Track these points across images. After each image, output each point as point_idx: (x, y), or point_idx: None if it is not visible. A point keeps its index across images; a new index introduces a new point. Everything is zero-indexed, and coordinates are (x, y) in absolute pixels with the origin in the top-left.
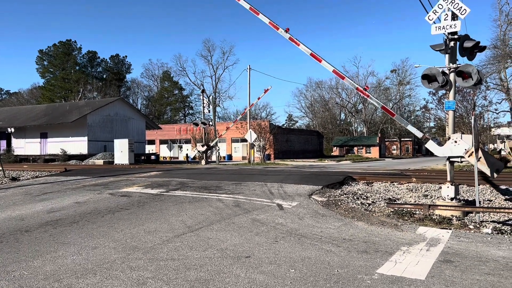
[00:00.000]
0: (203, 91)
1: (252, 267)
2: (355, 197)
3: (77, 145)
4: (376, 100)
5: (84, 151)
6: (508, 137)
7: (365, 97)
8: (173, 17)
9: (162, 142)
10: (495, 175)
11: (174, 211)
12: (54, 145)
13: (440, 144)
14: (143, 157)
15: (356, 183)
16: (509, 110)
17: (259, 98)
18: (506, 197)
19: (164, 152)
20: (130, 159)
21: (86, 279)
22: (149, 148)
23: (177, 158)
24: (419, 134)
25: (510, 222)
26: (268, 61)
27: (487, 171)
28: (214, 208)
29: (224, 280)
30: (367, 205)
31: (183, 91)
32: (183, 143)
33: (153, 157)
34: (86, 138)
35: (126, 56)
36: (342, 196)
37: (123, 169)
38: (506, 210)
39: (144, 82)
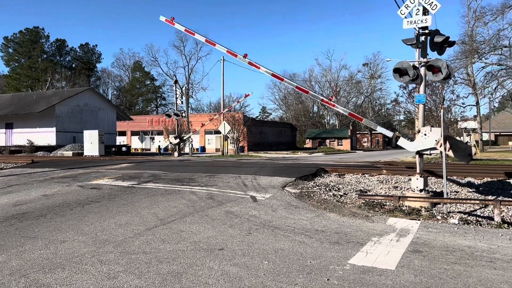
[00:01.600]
0: (176, 82)
1: (226, 259)
2: (327, 189)
3: (45, 136)
4: (343, 108)
5: (52, 142)
6: (474, 130)
7: (331, 107)
8: (145, 6)
9: (134, 133)
10: (469, 159)
11: (146, 204)
12: (21, 136)
13: (411, 139)
14: (113, 149)
15: (328, 175)
16: (475, 104)
17: (238, 102)
18: (470, 189)
19: (136, 143)
20: (100, 151)
21: (54, 274)
22: (120, 140)
23: (149, 149)
24: (389, 134)
25: (475, 213)
26: (242, 51)
27: (461, 158)
28: (187, 200)
29: (197, 273)
30: (339, 196)
31: (155, 82)
32: (155, 135)
33: (124, 148)
34: (54, 129)
35: (96, 45)
36: (314, 188)
37: (93, 161)
38: (472, 201)
39: (115, 72)
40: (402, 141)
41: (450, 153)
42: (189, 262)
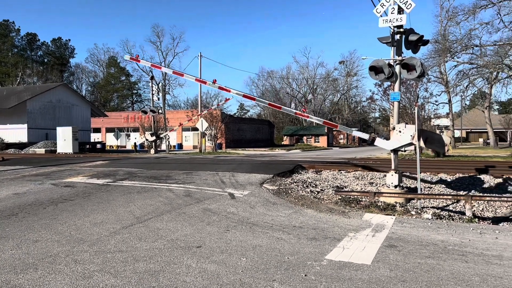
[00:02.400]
0: (152, 77)
1: (203, 257)
2: (304, 185)
3: (16, 132)
4: (317, 118)
5: (24, 139)
6: (446, 127)
7: (305, 118)
8: (120, 0)
9: (109, 130)
10: (444, 150)
11: (122, 202)
12: None
13: (386, 138)
14: (88, 146)
15: (305, 172)
16: (447, 102)
17: (218, 105)
18: (443, 185)
19: (111, 140)
20: (74, 148)
21: (27, 274)
22: (95, 137)
23: (125, 147)
24: (366, 136)
25: (448, 208)
26: (220, 48)
27: (437, 148)
28: (164, 198)
29: (174, 271)
30: (316, 192)
31: (130, 78)
32: (131, 131)
33: (99, 145)
34: (25, 125)
35: (69, 40)
36: (292, 185)
37: (66, 158)
38: (444, 197)
39: (89, 67)
40: (378, 142)
41: (426, 146)
42: (167, 260)
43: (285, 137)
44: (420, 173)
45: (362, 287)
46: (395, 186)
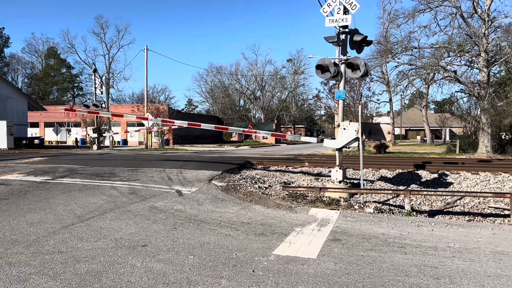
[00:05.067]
0: (95, 70)
1: (149, 255)
2: (253, 181)
3: None
4: (265, 132)
5: None
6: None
7: (253, 134)
8: None
9: (48, 125)
10: (386, 138)
11: (62, 200)
12: None
13: (331, 137)
14: (25, 141)
15: (254, 168)
16: (388, 101)
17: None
18: (384, 180)
19: (50, 136)
20: (9, 144)
21: None
22: (32, 132)
23: (65, 142)
24: (314, 140)
25: (388, 202)
26: (168, 41)
27: (381, 138)
28: (108, 196)
29: (118, 271)
30: (264, 188)
31: (71, 70)
32: (72, 126)
33: (37, 141)
34: None
35: (3, 28)
36: (241, 181)
37: (0, 154)
38: (385, 192)
39: (26, 58)
40: (327, 142)
41: (371, 137)
42: (110, 260)
43: (234, 133)
44: (363, 169)
45: (308, 280)
46: (340, 182)
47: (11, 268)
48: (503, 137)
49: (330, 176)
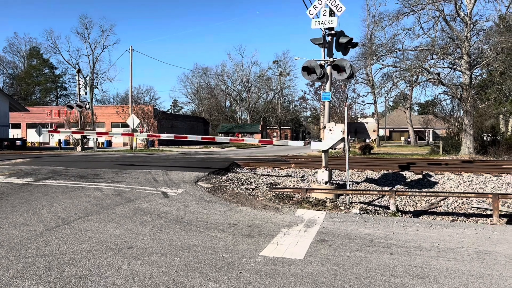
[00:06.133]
0: (78, 71)
1: (135, 258)
2: (240, 183)
3: None
4: (252, 139)
5: None
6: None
7: (240, 142)
8: None
9: (30, 125)
10: (373, 136)
11: (45, 202)
12: None
13: (318, 139)
14: (6, 143)
15: (241, 169)
16: (373, 103)
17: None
18: (369, 181)
19: (33, 137)
20: None
21: None
22: (14, 133)
23: (48, 144)
24: (301, 144)
25: (374, 203)
26: (153, 42)
27: (366, 136)
28: (92, 198)
29: (103, 274)
30: (251, 190)
31: (55, 70)
32: (55, 127)
33: (18, 142)
34: None
35: None
36: (227, 182)
37: None
38: (370, 192)
39: (8, 57)
40: (314, 145)
41: (357, 136)
42: (95, 263)
43: (220, 134)
44: (349, 170)
45: (295, 281)
46: (326, 183)
47: None
48: (484, 138)
49: (316, 177)
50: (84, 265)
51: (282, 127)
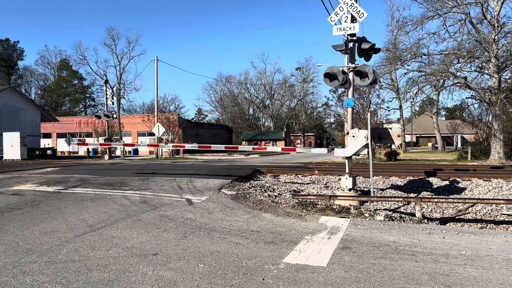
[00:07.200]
0: (106, 81)
1: (160, 264)
2: (262, 190)
3: None
4: (275, 147)
5: None
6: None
7: (263, 150)
8: (72, 1)
9: (60, 135)
10: (398, 142)
11: (74, 210)
12: None
13: (342, 146)
14: (38, 152)
15: (263, 176)
16: (398, 108)
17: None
18: (394, 188)
19: (62, 146)
20: (22, 154)
21: None
22: (45, 142)
23: (77, 152)
24: (324, 151)
25: (399, 210)
26: (177, 52)
27: (390, 142)
28: (119, 205)
29: (129, 279)
30: (274, 197)
31: (83, 81)
32: (83, 137)
33: (49, 151)
34: None
35: (18, 41)
36: (250, 189)
37: (14, 165)
38: (395, 199)
39: (39, 70)
40: (337, 152)
41: (381, 142)
42: (122, 268)
43: (244, 142)
44: (373, 176)
45: None
46: (350, 190)
47: (25, 276)
48: None
49: (340, 184)
50: (111, 271)
51: (305, 134)
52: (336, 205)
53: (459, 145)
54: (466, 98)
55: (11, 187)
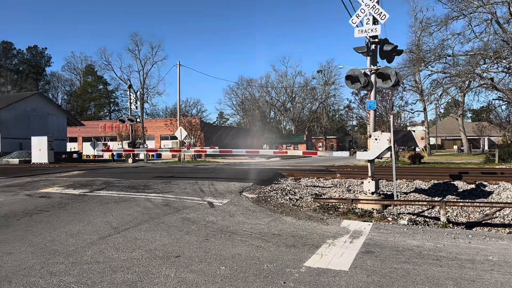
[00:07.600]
0: (130, 86)
1: (182, 266)
2: (284, 193)
3: None
4: (296, 151)
5: None
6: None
7: (284, 154)
8: (97, 8)
9: (85, 139)
10: (421, 145)
11: (99, 212)
12: None
13: (364, 149)
14: (64, 156)
15: (285, 179)
16: (422, 110)
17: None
18: (418, 191)
19: (88, 150)
20: (49, 158)
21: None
22: (71, 146)
23: (102, 156)
24: (346, 154)
25: (423, 214)
26: (199, 56)
27: (414, 144)
28: (142, 208)
29: (152, 281)
30: (295, 200)
31: (108, 86)
32: (108, 141)
33: (75, 155)
34: None
35: (45, 48)
36: (271, 192)
37: (41, 168)
38: (419, 203)
39: (66, 76)
40: (360, 155)
41: (405, 144)
42: (145, 270)
43: (265, 145)
44: (396, 180)
45: None
46: (372, 193)
47: (52, 277)
48: None
49: (362, 187)
50: (134, 272)
51: (327, 137)
52: (359, 208)
53: (486, 147)
54: (493, 99)
55: (39, 189)
